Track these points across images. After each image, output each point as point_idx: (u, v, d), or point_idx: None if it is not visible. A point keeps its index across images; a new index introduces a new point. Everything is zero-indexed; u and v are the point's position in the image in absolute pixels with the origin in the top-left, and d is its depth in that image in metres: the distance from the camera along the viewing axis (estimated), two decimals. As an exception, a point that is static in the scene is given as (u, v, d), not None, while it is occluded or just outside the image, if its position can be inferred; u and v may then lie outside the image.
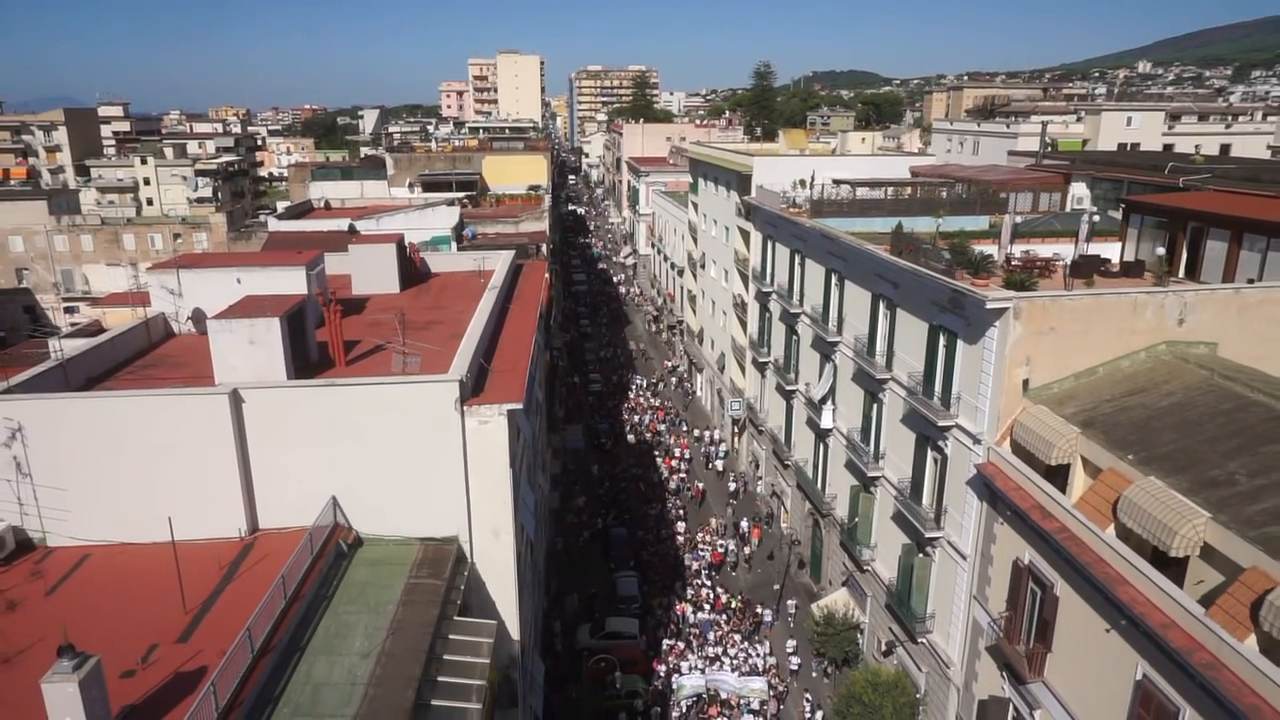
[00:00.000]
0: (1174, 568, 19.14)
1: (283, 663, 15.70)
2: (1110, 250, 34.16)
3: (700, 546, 45.79)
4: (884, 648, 33.35)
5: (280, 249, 37.33)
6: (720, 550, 45.50)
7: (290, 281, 25.50)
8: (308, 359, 22.85)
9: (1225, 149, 75.78)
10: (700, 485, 53.31)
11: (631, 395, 69.27)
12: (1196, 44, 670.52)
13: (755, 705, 33.70)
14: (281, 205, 65.75)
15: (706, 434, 60.28)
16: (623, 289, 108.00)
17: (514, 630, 21.77)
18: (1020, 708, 24.26)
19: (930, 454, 29.61)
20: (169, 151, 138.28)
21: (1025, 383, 25.47)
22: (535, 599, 30.10)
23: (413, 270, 34.10)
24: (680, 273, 74.64)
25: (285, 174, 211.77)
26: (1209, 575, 18.56)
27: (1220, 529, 18.08)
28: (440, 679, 16.62)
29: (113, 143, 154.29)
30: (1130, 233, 34.09)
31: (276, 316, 20.95)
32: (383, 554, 19.89)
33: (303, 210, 54.78)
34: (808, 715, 33.70)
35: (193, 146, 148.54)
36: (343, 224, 49.23)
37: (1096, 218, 34.54)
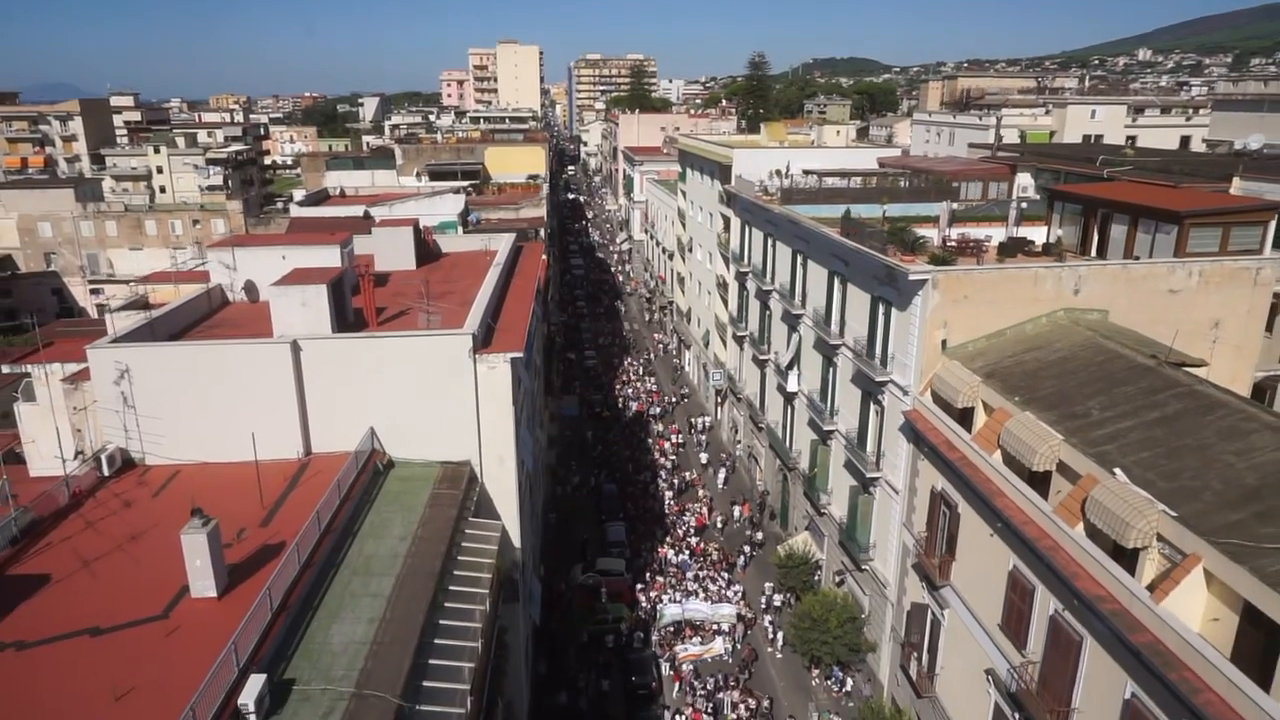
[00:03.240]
0: (1041, 483, 24.15)
1: (341, 540, 20.71)
2: (1039, 233, 39.03)
3: (686, 512, 50.51)
4: (836, 579, 38.42)
5: (303, 232, 42.17)
6: (703, 514, 50.35)
7: (326, 257, 30.40)
8: (346, 319, 27.77)
9: (1185, 140, 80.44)
10: (696, 475, 55.72)
11: (624, 371, 74.22)
12: (1197, 31, 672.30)
13: (725, 628, 38.83)
14: (297, 193, 70.39)
15: (699, 421, 64.03)
16: (618, 275, 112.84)
17: (515, 539, 26.79)
18: (934, 609, 29.30)
19: (872, 407, 34.56)
20: (180, 141, 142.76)
21: (944, 343, 30.39)
22: (534, 532, 35.08)
23: (426, 250, 39.00)
24: (670, 256, 79.51)
25: (290, 162, 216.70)
26: (1065, 486, 23.52)
27: (1070, 449, 23.02)
28: (460, 558, 21.64)
29: (125, 132, 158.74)
30: (1054, 218, 38.90)
31: (323, 283, 25.91)
32: (411, 473, 24.89)
33: (321, 197, 59.56)
34: (770, 636, 38.89)
35: (202, 136, 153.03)
36: (358, 210, 53.95)
37: (1025, 205, 39.44)
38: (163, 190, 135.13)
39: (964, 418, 28.57)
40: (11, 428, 46.51)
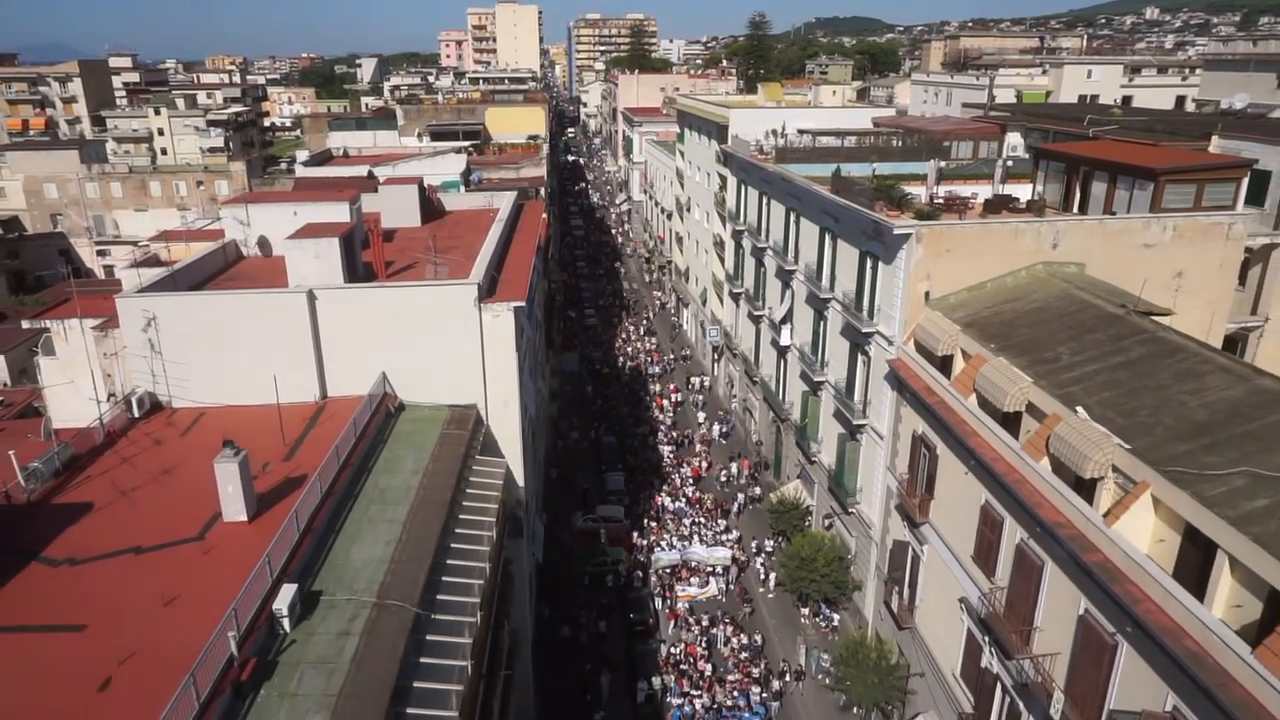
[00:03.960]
0: (1013, 423, 25.73)
1: (358, 474, 22.35)
2: (1025, 191, 40.24)
3: (683, 464, 52.25)
4: (825, 523, 40.23)
5: (309, 190, 43.37)
6: (698, 466, 52.13)
7: (336, 213, 31.69)
8: (356, 272, 29.19)
9: (1180, 100, 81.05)
10: (695, 431, 57.16)
11: (624, 330, 75.70)
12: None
13: (719, 570, 40.74)
14: (300, 154, 71.32)
15: (697, 380, 65.47)
16: (618, 236, 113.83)
17: (519, 479, 28.47)
18: (915, 546, 31.08)
19: (859, 358, 36.08)
20: (180, 102, 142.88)
21: (927, 295, 31.83)
22: (536, 476, 36.80)
23: (431, 208, 40.29)
24: (669, 216, 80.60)
25: (289, 124, 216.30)
26: (1033, 426, 25.10)
27: (1038, 390, 24.57)
28: (468, 491, 23.30)
29: (124, 94, 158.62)
30: (1039, 176, 40.10)
31: (335, 237, 27.30)
32: (421, 415, 26.48)
33: (325, 158, 60.61)
34: (762, 577, 40.83)
35: (201, 97, 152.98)
36: (362, 170, 55.05)
37: (1011, 163, 40.66)
38: (164, 152, 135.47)
39: (944, 365, 30.09)
40: (30, 384, 48.10)
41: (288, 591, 16.59)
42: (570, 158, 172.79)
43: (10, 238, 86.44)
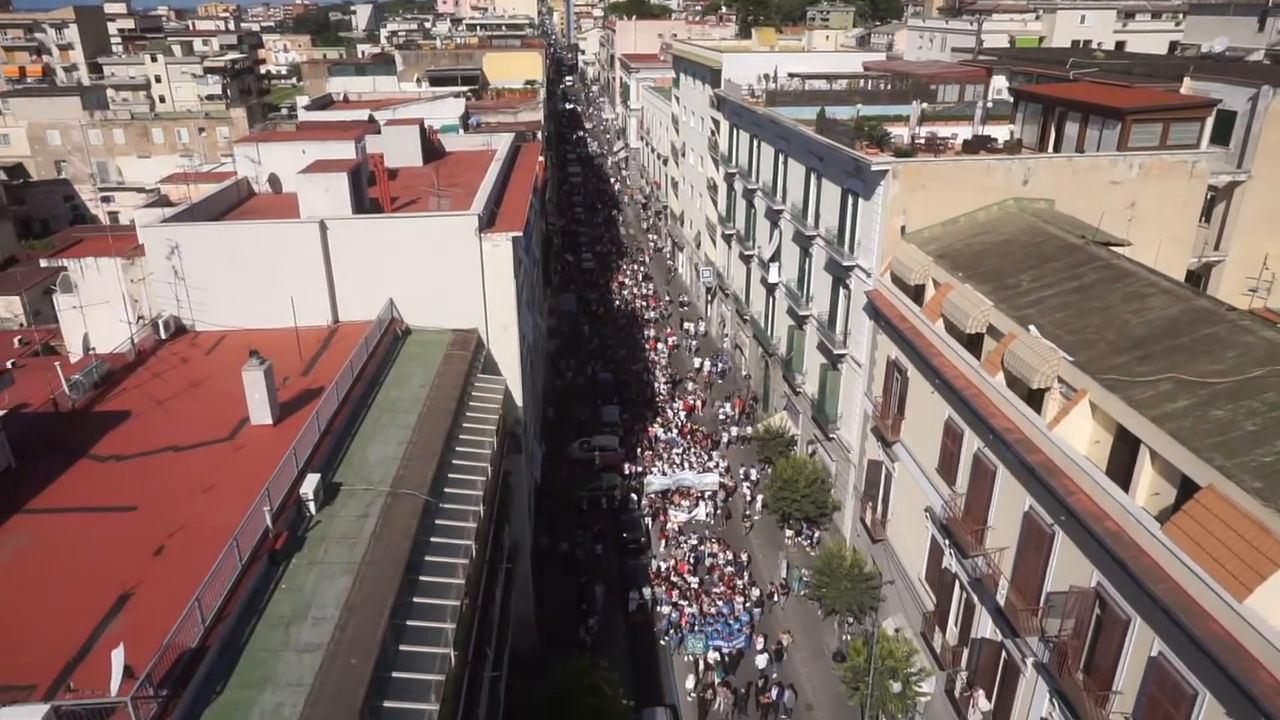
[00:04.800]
0: (975, 345, 27.75)
1: (370, 387, 24.43)
2: (1006, 132, 41.75)
3: (676, 399, 54.39)
4: (809, 449, 42.51)
5: (316, 130, 44.80)
6: (690, 401, 54.33)
7: (343, 151, 33.31)
8: (363, 206, 30.94)
9: (1173, 46, 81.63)
10: (689, 372, 59.15)
11: (621, 274, 77.43)
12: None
13: (708, 495, 43.13)
14: (301, 99, 72.28)
15: (692, 326, 66.95)
16: (615, 183, 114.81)
17: (517, 399, 30.59)
18: (887, 464, 33.32)
19: (841, 290, 37.98)
20: (176, 49, 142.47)
21: (903, 229, 33.61)
22: (534, 403, 38.96)
23: (431, 148, 41.84)
24: (665, 162, 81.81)
25: (285, 72, 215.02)
26: (993, 346, 27.10)
27: (998, 313, 26.53)
28: (470, 403, 25.41)
29: (119, 41, 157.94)
30: (1018, 117, 41.59)
31: (344, 172, 29.04)
32: (426, 339, 28.48)
33: (325, 102, 61.72)
34: (748, 499, 43.26)
35: (197, 44, 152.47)
36: (362, 114, 56.28)
37: (991, 105, 42.14)
38: (162, 100, 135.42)
39: (917, 294, 32.00)
40: (46, 325, 49.98)
41: (312, 479, 18.73)
42: (568, 106, 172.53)
43: (15, 184, 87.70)
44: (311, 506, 18.56)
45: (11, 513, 18.12)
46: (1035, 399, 23.96)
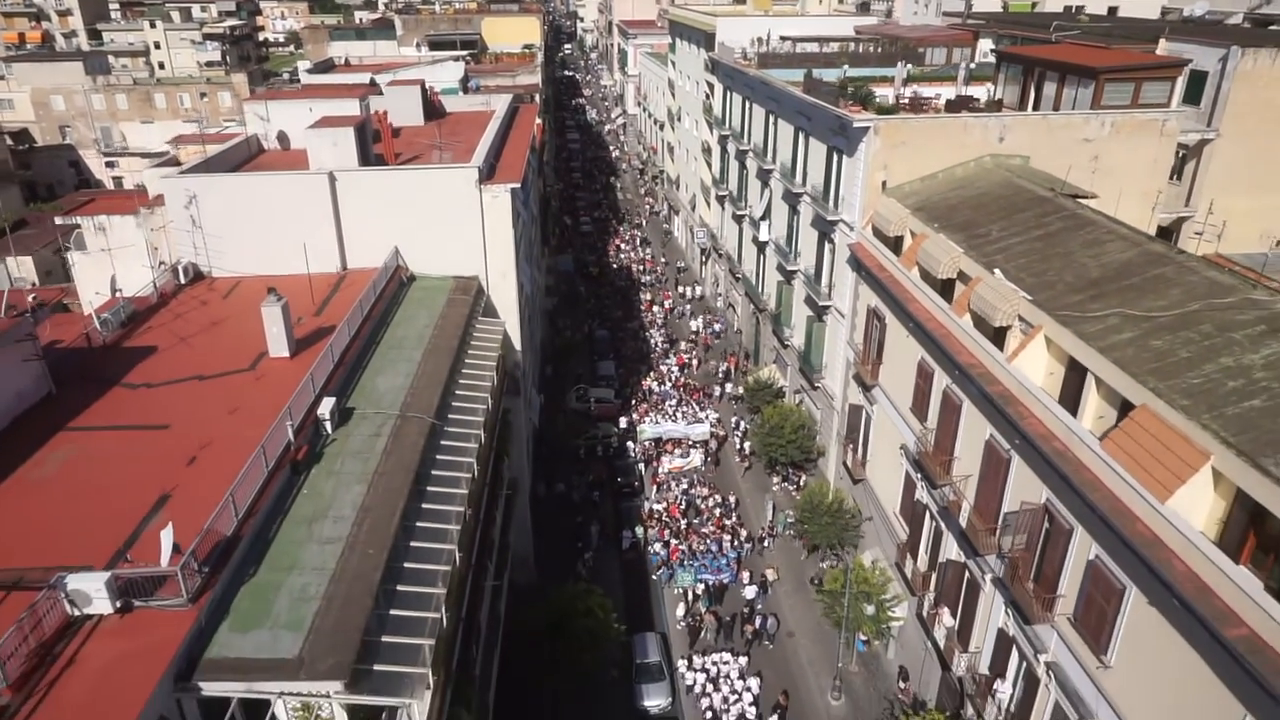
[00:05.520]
0: (950, 293, 29.44)
1: (378, 326, 26.18)
2: (988, 92, 43.17)
3: (670, 355, 56.16)
4: (796, 399, 44.36)
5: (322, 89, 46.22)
6: (685, 355, 56.14)
7: (348, 108, 34.83)
8: (369, 160, 32.53)
9: (1165, 11, 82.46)
10: (685, 333, 60.56)
11: (618, 238, 78.87)
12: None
13: (700, 443, 45.04)
14: (303, 64, 73.36)
15: (688, 290, 68.22)
16: (613, 150, 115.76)
17: (516, 343, 32.34)
18: (867, 407, 35.14)
19: (826, 245, 39.60)
20: (175, 15, 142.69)
21: (884, 184, 35.17)
22: (533, 352, 40.73)
23: (432, 108, 43.27)
24: (661, 127, 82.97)
25: (284, 39, 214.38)
26: (962, 291, 28.80)
27: (967, 259, 28.21)
28: (472, 341, 27.18)
29: (118, 7, 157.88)
30: (1000, 78, 42.96)
31: (350, 127, 30.59)
32: (430, 285, 30.19)
33: (327, 66, 62.94)
34: (739, 447, 45.20)
35: (196, 10, 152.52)
36: (364, 78, 57.59)
37: (974, 66, 43.51)
38: (161, 66, 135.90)
39: (896, 245, 33.62)
40: (57, 285, 51.48)
41: (328, 402, 20.55)
42: (567, 73, 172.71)
43: (21, 149, 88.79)
44: (328, 426, 20.38)
45: (55, 432, 19.93)
46: (999, 337, 25.69)
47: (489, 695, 23.94)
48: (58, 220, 48.44)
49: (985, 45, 53.17)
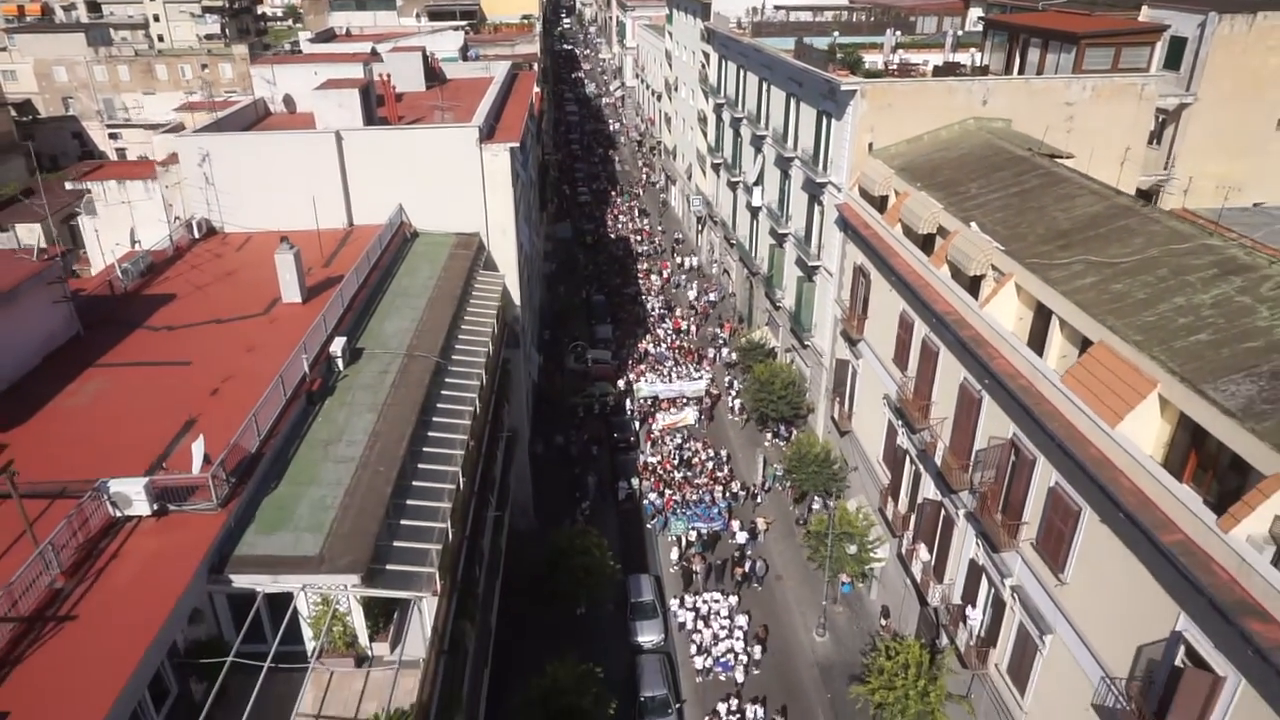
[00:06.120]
0: (930, 248, 30.76)
1: (384, 277, 27.55)
2: (976, 58, 44.25)
3: (666, 319, 57.55)
4: (787, 359, 45.77)
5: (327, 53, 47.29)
6: (680, 319, 57.53)
7: (352, 71, 35.97)
8: (373, 121, 33.72)
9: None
10: (681, 302, 61.88)
11: (615, 208, 79.96)
12: None
13: (694, 400, 46.52)
14: (304, 34, 74.10)
15: (687, 260, 69.37)
16: (612, 123, 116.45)
17: (515, 298, 33.71)
18: (853, 361, 36.55)
19: (816, 207, 40.85)
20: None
21: (870, 145, 36.38)
22: (533, 315, 42.09)
23: (433, 75, 44.35)
24: (658, 98, 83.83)
25: (281, 14, 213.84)
26: (941, 245, 30.12)
27: (946, 215, 29.51)
28: (474, 292, 28.55)
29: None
30: (986, 45, 44.03)
31: (355, 89, 31.78)
32: (432, 240, 31.52)
33: (329, 36, 63.84)
34: (731, 405, 46.69)
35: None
36: (365, 47, 58.56)
37: (961, 33, 44.56)
38: (160, 39, 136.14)
39: (881, 204, 34.91)
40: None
41: (339, 341, 21.95)
42: (566, 47, 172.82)
43: (25, 120, 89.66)
44: (340, 363, 21.80)
45: (85, 367, 21.35)
46: (974, 287, 27.04)
47: (491, 617, 25.56)
48: (68, 185, 49.73)
49: (975, 14, 54.16)
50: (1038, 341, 23.88)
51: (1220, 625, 15.54)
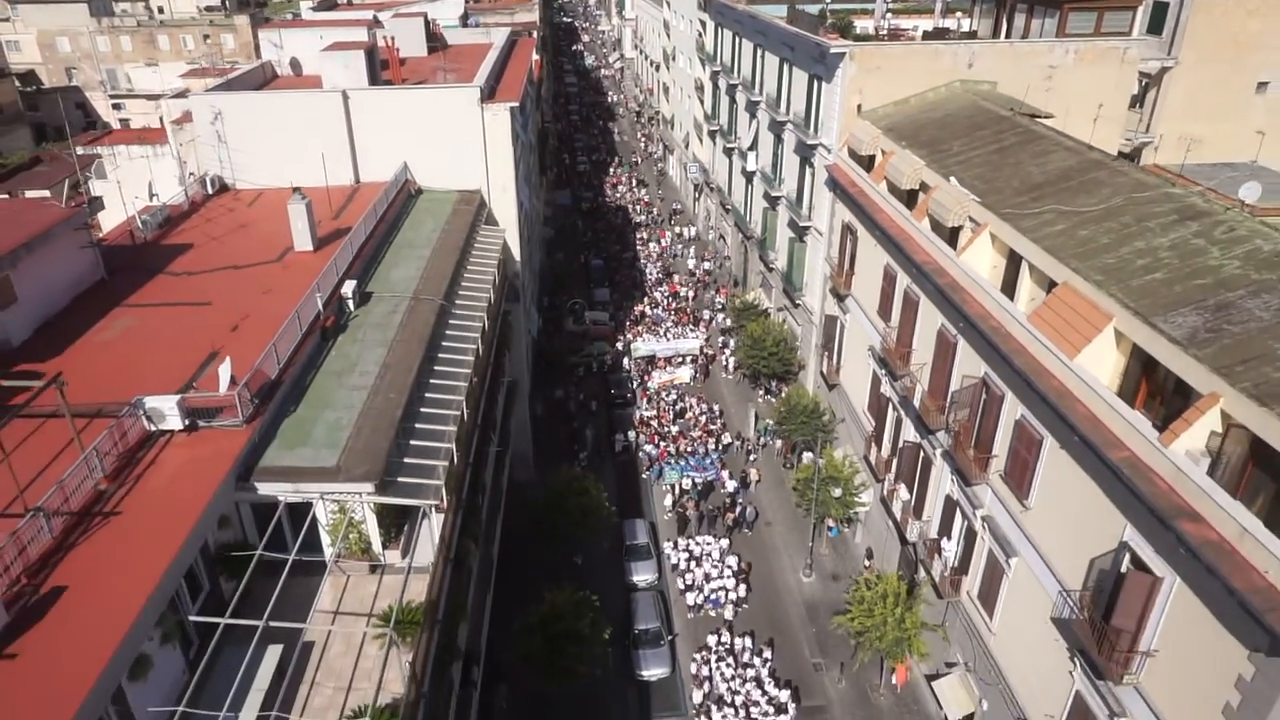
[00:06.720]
0: (914, 204, 32.06)
1: (390, 230, 28.89)
2: (965, 25, 45.29)
3: (662, 284, 58.86)
4: (780, 318, 47.15)
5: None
6: (678, 283, 58.84)
7: (357, 34, 37.11)
8: (378, 83, 34.90)
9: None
10: (679, 270, 63.04)
11: (614, 178, 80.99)
12: None
13: (689, 359, 47.97)
14: (306, 3, 74.84)
15: (684, 230, 70.11)
16: (611, 95, 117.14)
17: (515, 253, 35.04)
18: (841, 317, 37.94)
19: (807, 169, 42.07)
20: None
21: (859, 107, 37.55)
22: (532, 278, 43.43)
23: (434, 41, 45.43)
24: (657, 68, 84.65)
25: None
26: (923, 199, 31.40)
27: (929, 170, 30.77)
28: (476, 244, 29.89)
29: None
30: (975, 10, 45.08)
31: (360, 50, 32.96)
32: (436, 197, 32.80)
33: (331, 4, 64.66)
34: (725, 363, 48.15)
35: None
36: (366, 14, 59.48)
37: (950, 0, 45.56)
38: (161, 10, 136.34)
39: (868, 164, 36.15)
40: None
41: (350, 284, 23.37)
42: (566, 19, 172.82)
43: (29, 91, 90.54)
44: (350, 304, 23.22)
45: (112, 307, 22.75)
46: (953, 238, 28.38)
47: (493, 548, 27.14)
48: (79, 150, 50.93)
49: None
50: (1009, 287, 25.27)
51: (1159, 530, 17.04)
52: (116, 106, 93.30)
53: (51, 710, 11.45)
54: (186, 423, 16.96)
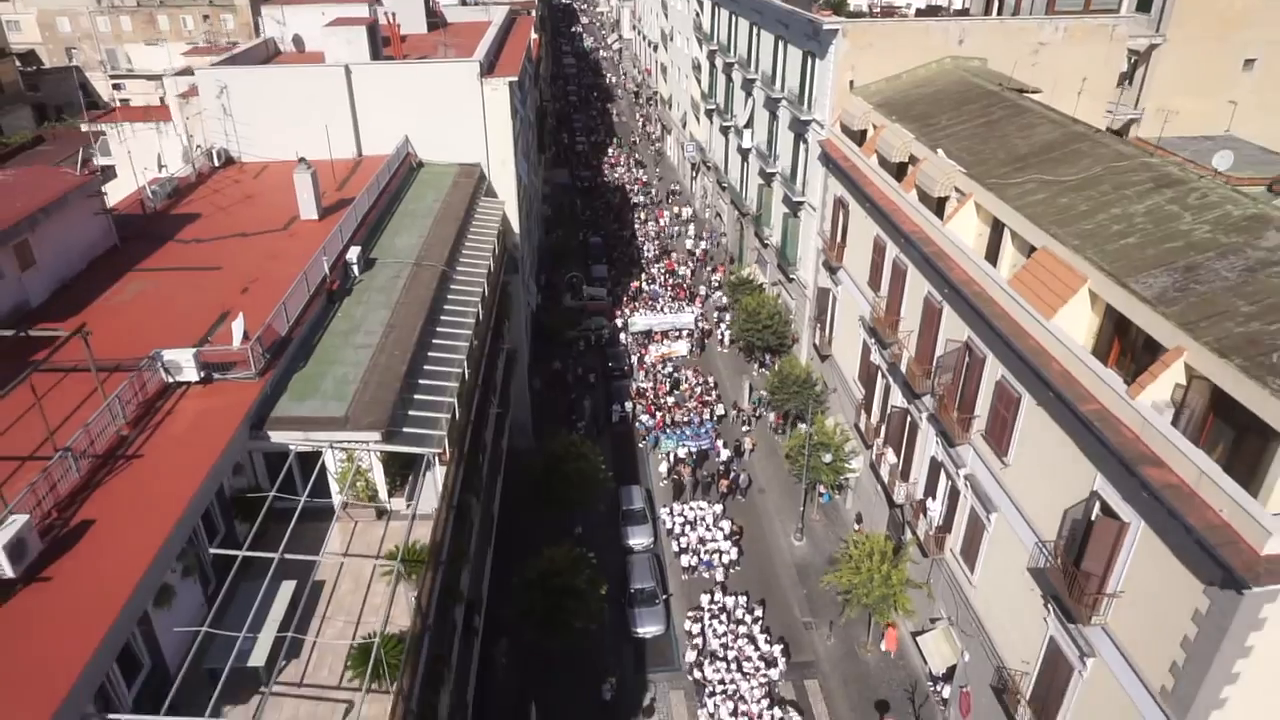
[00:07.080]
0: (903, 176, 32.83)
1: (393, 201, 29.68)
2: (956, 0, 45.91)
3: (660, 261, 59.67)
4: (774, 293, 47.98)
5: None
6: (674, 261, 59.61)
7: (358, 11, 37.75)
8: (379, 58, 35.59)
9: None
10: (676, 248, 63.89)
11: (612, 159, 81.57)
12: None
13: (686, 332, 48.85)
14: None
15: (682, 211, 71.04)
16: (609, 77, 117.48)
17: (515, 226, 35.85)
18: (833, 289, 38.77)
19: (801, 145, 42.79)
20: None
21: (851, 83, 38.26)
22: (531, 252, 44.23)
23: (434, 19, 46.02)
24: (655, 48, 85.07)
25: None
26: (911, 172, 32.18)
27: (918, 144, 31.54)
28: (476, 215, 30.70)
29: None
30: (968, -12, 45.69)
31: (363, 26, 33.64)
32: (437, 170, 33.58)
33: (331, -16, 65.16)
34: (720, 338, 49.03)
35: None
36: (367, -5, 60.06)
37: (943, -23, 46.09)
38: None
39: (860, 139, 36.89)
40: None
41: (355, 249, 24.20)
42: (565, 1, 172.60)
43: (29, 71, 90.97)
44: (355, 269, 24.06)
45: (126, 271, 23.59)
46: (940, 209, 29.18)
47: (493, 506, 28.10)
48: (84, 127, 51.56)
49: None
50: (993, 254, 26.12)
51: (1126, 477, 17.98)
52: (117, 86, 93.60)
53: (84, 628, 12.38)
54: (202, 375, 17.84)
